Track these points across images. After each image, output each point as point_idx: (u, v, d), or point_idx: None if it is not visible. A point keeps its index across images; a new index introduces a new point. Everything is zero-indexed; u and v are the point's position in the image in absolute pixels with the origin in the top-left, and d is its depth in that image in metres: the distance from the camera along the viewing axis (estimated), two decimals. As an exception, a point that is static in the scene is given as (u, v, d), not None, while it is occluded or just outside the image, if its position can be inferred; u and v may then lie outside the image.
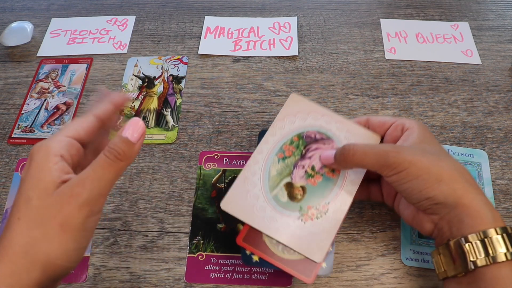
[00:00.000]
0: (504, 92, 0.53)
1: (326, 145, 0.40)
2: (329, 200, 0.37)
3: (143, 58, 0.58)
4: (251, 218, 0.36)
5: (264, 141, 0.40)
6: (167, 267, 0.42)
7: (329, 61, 0.57)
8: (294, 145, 0.40)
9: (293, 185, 0.38)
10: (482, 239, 0.30)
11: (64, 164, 0.29)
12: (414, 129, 0.36)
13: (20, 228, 0.27)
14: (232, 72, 0.56)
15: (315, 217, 0.37)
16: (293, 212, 0.37)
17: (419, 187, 0.32)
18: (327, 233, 0.36)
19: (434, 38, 0.59)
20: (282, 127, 0.41)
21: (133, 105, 0.53)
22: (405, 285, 0.40)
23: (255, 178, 0.38)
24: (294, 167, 0.39)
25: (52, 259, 0.26)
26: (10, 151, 0.50)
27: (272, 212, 0.37)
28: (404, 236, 0.43)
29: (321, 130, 0.40)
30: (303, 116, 0.41)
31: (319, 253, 0.35)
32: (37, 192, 0.27)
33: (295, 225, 0.36)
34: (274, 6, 0.64)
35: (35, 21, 0.62)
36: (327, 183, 0.38)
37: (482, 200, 0.32)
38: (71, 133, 0.30)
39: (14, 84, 0.56)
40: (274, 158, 0.39)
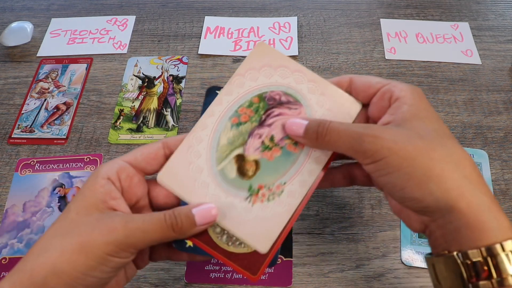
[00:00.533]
0: (504, 92, 0.53)
1: (292, 110, 0.33)
2: (286, 179, 0.31)
3: (143, 58, 0.58)
4: (190, 195, 0.30)
5: (217, 102, 0.33)
6: (167, 267, 0.42)
7: (329, 61, 0.57)
8: (252, 108, 0.33)
9: (245, 158, 0.31)
10: (485, 257, 0.24)
11: (111, 188, 0.28)
12: (406, 99, 0.28)
13: (47, 233, 0.27)
14: (232, 72, 0.56)
15: (265, 199, 0.31)
16: (241, 191, 0.31)
17: (401, 184, 0.26)
18: (278, 220, 0.30)
19: (434, 38, 0.59)
20: (241, 85, 0.33)
21: (133, 105, 0.53)
22: (405, 285, 0.40)
23: (200, 146, 0.31)
24: (249, 136, 0.32)
25: (57, 270, 0.25)
26: (10, 151, 0.50)
27: (216, 189, 0.31)
28: (404, 236, 0.43)
29: (288, 90, 0.33)
30: (269, 71, 0.33)
31: (264, 242, 0.30)
32: (77, 207, 0.27)
33: (241, 207, 0.30)
34: (274, 6, 0.64)
35: (35, 21, 0.62)
36: (286, 159, 0.31)
37: (484, 204, 0.25)
38: (128, 157, 0.30)
39: (14, 84, 0.56)
40: (226, 123, 0.32)
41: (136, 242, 0.26)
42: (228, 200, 0.31)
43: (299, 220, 0.44)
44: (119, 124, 0.52)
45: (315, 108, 0.33)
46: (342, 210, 0.45)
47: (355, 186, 0.46)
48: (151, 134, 0.51)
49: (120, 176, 0.29)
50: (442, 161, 0.25)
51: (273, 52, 0.34)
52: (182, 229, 0.28)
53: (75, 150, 0.50)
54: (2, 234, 0.44)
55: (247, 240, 0.30)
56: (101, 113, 0.53)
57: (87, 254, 0.25)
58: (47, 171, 0.48)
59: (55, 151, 0.50)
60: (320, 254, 0.42)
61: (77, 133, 0.51)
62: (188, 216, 0.28)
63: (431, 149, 0.26)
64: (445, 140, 0.27)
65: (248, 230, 0.30)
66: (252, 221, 0.30)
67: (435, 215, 0.26)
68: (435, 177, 0.25)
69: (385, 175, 0.27)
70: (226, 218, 0.30)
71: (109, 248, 0.26)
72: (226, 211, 0.30)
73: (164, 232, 0.27)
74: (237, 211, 0.30)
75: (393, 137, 0.26)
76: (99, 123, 0.52)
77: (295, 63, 0.34)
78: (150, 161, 0.30)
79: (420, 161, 0.25)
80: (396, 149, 0.26)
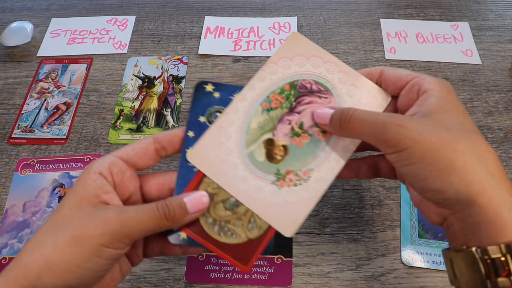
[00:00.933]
0: (504, 92, 0.53)
1: (322, 99, 0.33)
2: (313, 166, 0.32)
3: (143, 58, 0.58)
4: (218, 175, 0.31)
5: (249, 87, 0.33)
6: (167, 267, 0.42)
7: (329, 61, 0.57)
8: (284, 95, 0.33)
9: (274, 142, 0.32)
10: (505, 254, 0.23)
11: (103, 182, 0.28)
12: (434, 91, 0.29)
13: (41, 230, 0.27)
14: (232, 72, 0.56)
15: (292, 184, 0.31)
16: (269, 174, 0.31)
17: (423, 174, 0.26)
18: (304, 205, 0.31)
19: (434, 38, 0.59)
20: (273, 72, 0.34)
21: (133, 105, 0.53)
22: (405, 285, 0.40)
23: (231, 129, 0.32)
24: (279, 121, 0.33)
25: (51, 264, 0.25)
26: (10, 151, 0.50)
27: (245, 171, 0.31)
28: (404, 236, 0.43)
29: (319, 80, 0.34)
30: (301, 60, 0.34)
31: (290, 227, 0.30)
32: (70, 202, 0.28)
33: (268, 190, 0.31)
34: (274, 6, 0.64)
35: (35, 21, 0.62)
36: (314, 146, 0.32)
37: (506, 200, 0.24)
38: (120, 153, 0.30)
39: (14, 84, 0.56)
40: (257, 108, 0.33)
41: (130, 232, 0.26)
42: (256, 182, 0.31)
43: (299, 220, 0.44)
44: (119, 124, 0.52)
45: (345, 98, 0.33)
46: (342, 210, 0.45)
47: (355, 186, 0.46)
48: (151, 134, 0.51)
49: (112, 171, 0.29)
50: (466, 154, 0.25)
51: (306, 42, 0.35)
52: (175, 217, 0.28)
53: (75, 150, 0.50)
54: (2, 234, 0.44)
55: (273, 223, 0.30)
56: (101, 113, 0.53)
57: (81, 246, 0.25)
58: (47, 171, 0.48)
59: (55, 151, 0.50)
60: (320, 254, 0.42)
61: (77, 133, 0.51)
62: (180, 204, 0.28)
63: (455, 141, 0.25)
64: (470, 134, 0.26)
65: (274, 214, 0.30)
66: (278, 205, 0.31)
67: (455, 208, 0.26)
68: (458, 169, 0.25)
69: (407, 166, 0.26)
70: (253, 200, 0.31)
71: (104, 239, 0.26)
72: (253, 194, 0.31)
73: (157, 221, 0.27)
74: (264, 194, 0.31)
75: (418, 127, 0.26)
76: (99, 123, 0.52)
77: (328, 54, 0.34)
78: (141, 156, 0.30)
79: (443, 152, 0.25)
80: (420, 140, 0.26)
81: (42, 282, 0.25)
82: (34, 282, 0.25)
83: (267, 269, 0.41)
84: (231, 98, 0.34)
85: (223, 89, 0.34)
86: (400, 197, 0.45)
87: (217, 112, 0.34)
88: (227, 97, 0.34)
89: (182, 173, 0.31)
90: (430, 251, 0.42)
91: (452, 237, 0.27)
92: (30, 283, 0.25)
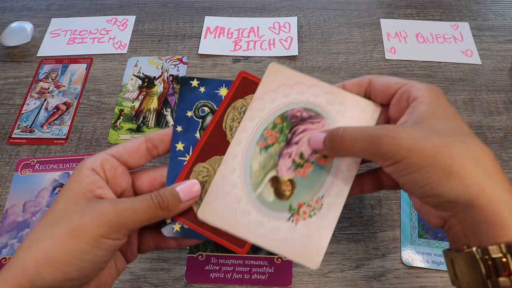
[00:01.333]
0: (504, 92, 0.53)
1: (315, 124, 0.33)
2: (323, 193, 0.32)
3: (143, 58, 0.58)
4: (234, 226, 0.31)
5: (241, 129, 0.33)
6: (167, 267, 0.42)
7: (329, 61, 0.57)
8: (277, 129, 0.33)
9: (280, 179, 0.32)
10: (505, 254, 0.23)
11: (96, 177, 0.29)
12: (423, 98, 0.28)
13: (37, 226, 0.27)
14: (232, 72, 0.56)
15: (307, 216, 0.31)
16: (282, 212, 0.31)
17: (422, 181, 0.26)
18: (323, 234, 0.31)
19: (434, 38, 0.59)
20: (261, 108, 0.33)
21: (133, 105, 0.53)
22: (405, 285, 0.40)
23: (234, 176, 0.32)
24: (279, 157, 0.32)
25: (50, 257, 0.25)
26: (10, 151, 0.50)
27: (258, 215, 0.31)
28: (404, 236, 0.43)
29: (307, 106, 0.33)
30: (286, 90, 0.34)
31: (316, 258, 0.30)
32: (65, 198, 0.28)
33: (285, 228, 0.31)
34: (274, 6, 0.64)
35: (35, 21, 0.62)
36: (319, 173, 0.32)
37: (505, 200, 0.24)
38: (111, 151, 0.31)
39: (14, 84, 0.56)
40: (255, 148, 0.32)
41: (126, 222, 0.27)
42: (271, 224, 0.31)
43: (299, 220, 0.44)
44: (119, 124, 0.52)
45: (337, 118, 0.33)
46: (342, 210, 0.44)
47: (355, 186, 0.46)
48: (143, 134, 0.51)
49: (104, 167, 0.29)
50: (462, 157, 0.25)
51: (286, 70, 0.35)
52: (169, 206, 0.28)
53: (75, 150, 0.50)
54: (2, 234, 0.44)
55: (299, 261, 0.30)
56: (101, 113, 0.53)
57: (79, 238, 0.26)
58: (47, 171, 0.48)
59: (55, 151, 0.50)
60: (320, 254, 0.42)
61: (77, 133, 0.51)
62: (173, 193, 0.29)
63: (450, 146, 0.25)
64: (464, 137, 0.26)
65: (296, 250, 0.30)
66: (299, 240, 0.31)
67: (455, 210, 0.26)
68: (455, 173, 0.25)
69: (406, 175, 0.26)
70: (273, 243, 0.30)
71: (101, 230, 0.26)
72: (271, 236, 0.31)
73: (152, 211, 0.28)
74: (282, 233, 0.31)
75: (411, 136, 0.26)
76: (99, 123, 0.52)
77: (310, 78, 0.34)
78: (132, 154, 0.31)
79: (439, 158, 0.25)
80: (415, 148, 0.25)
81: (41, 277, 0.25)
82: (33, 278, 0.25)
83: (267, 269, 0.41)
84: (216, 92, 0.35)
85: (208, 84, 0.35)
86: (400, 197, 0.45)
87: (204, 107, 0.34)
88: (212, 91, 0.35)
89: (172, 167, 0.32)
90: (430, 251, 0.42)
91: (453, 238, 0.27)
92: (29, 280, 0.25)
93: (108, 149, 0.31)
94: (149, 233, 0.32)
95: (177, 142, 0.33)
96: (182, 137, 0.33)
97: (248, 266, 0.41)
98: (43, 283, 0.25)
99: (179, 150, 0.33)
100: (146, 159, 0.32)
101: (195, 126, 0.34)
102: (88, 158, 0.30)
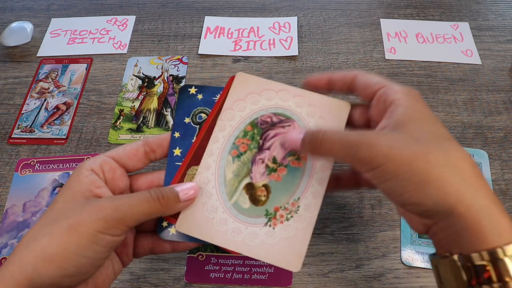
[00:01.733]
0: (504, 92, 0.53)
1: (286, 128, 0.33)
2: (299, 195, 0.32)
3: (143, 58, 0.58)
4: (212, 235, 0.31)
5: (213, 139, 0.33)
6: (167, 267, 0.42)
7: (329, 61, 0.57)
8: (248, 137, 0.33)
9: (254, 185, 0.32)
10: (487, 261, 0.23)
11: (95, 177, 0.29)
12: (400, 101, 0.28)
13: (35, 225, 0.27)
14: (232, 72, 0.56)
15: (284, 219, 0.31)
16: (259, 218, 0.31)
17: (399, 189, 0.25)
18: (302, 236, 0.31)
19: (434, 38, 0.59)
20: (231, 118, 0.34)
21: (133, 105, 0.53)
22: (405, 285, 0.40)
23: (209, 186, 0.32)
24: (252, 163, 0.33)
25: (48, 254, 0.25)
26: (10, 151, 0.50)
27: (235, 223, 0.31)
28: (404, 236, 0.43)
29: (277, 111, 0.34)
30: (254, 98, 0.34)
31: (296, 261, 0.30)
32: (64, 197, 0.28)
33: (263, 233, 0.31)
34: (274, 6, 0.64)
35: (35, 21, 0.62)
36: (293, 175, 0.32)
37: (485, 207, 0.24)
38: (111, 153, 0.31)
39: (14, 84, 0.56)
40: (227, 157, 0.33)
41: (124, 217, 0.27)
42: (249, 230, 0.31)
43: (299, 220, 0.44)
44: (119, 124, 0.52)
45: (307, 119, 0.34)
46: (342, 210, 0.45)
47: (355, 186, 0.46)
48: (151, 134, 0.51)
49: (103, 168, 0.30)
50: (440, 165, 0.25)
51: (254, 79, 0.35)
52: (168, 201, 0.29)
53: (75, 150, 0.50)
54: (2, 234, 0.44)
55: (280, 265, 0.30)
56: (101, 113, 0.53)
57: (78, 233, 0.26)
58: (47, 171, 0.48)
59: (55, 151, 0.50)
60: (320, 254, 0.42)
61: (77, 133, 0.51)
62: (172, 191, 0.30)
63: (427, 153, 0.25)
64: (443, 142, 0.26)
65: (276, 254, 0.30)
66: (278, 244, 0.31)
67: (436, 218, 0.26)
68: (433, 182, 0.25)
69: (383, 182, 0.26)
70: (253, 249, 0.31)
71: (98, 225, 0.26)
72: (250, 242, 0.31)
73: (150, 205, 0.28)
74: (260, 238, 0.31)
75: (388, 143, 0.26)
76: (99, 123, 0.52)
77: (277, 84, 0.35)
78: (131, 157, 0.32)
79: (416, 165, 0.25)
80: (391, 156, 0.25)
81: (39, 274, 0.25)
82: (31, 274, 0.25)
83: (267, 269, 0.41)
84: (213, 99, 0.35)
85: (206, 91, 0.36)
86: (400, 197, 0.45)
87: (201, 113, 0.35)
88: (209, 98, 0.35)
89: (170, 172, 0.33)
90: (430, 251, 0.42)
91: (437, 245, 0.27)
92: (27, 277, 0.25)
93: (107, 152, 0.31)
94: (144, 236, 0.33)
95: (175, 148, 0.33)
96: (180, 143, 0.34)
97: (248, 266, 0.41)
98: (42, 279, 0.25)
99: (176, 155, 0.33)
100: (144, 162, 0.32)
101: (192, 132, 0.34)
102: (87, 159, 0.30)
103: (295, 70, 0.56)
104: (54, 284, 0.25)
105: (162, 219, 0.32)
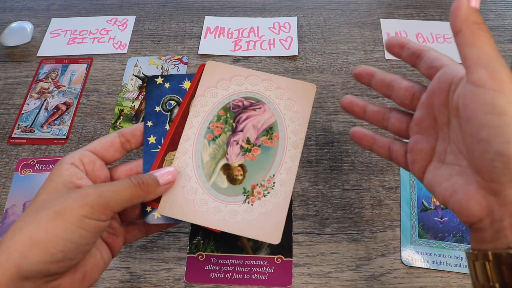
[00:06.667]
0: (504, 92, 0.53)
1: (257, 110, 0.36)
2: (273, 172, 0.34)
3: (143, 58, 0.58)
4: (193, 216, 0.33)
5: (188, 125, 0.35)
6: (167, 267, 0.42)
7: (329, 61, 0.57)
8: (222, 121, 0.35)
9: (231, 166, 0.34)
10: None
11: (76, 170, 0.30)
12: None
13: (21, 217, 0.28)
14: (232, 72, 0.56)
15: (262, 195, 0.33)
16: (237, 196, 0.33)
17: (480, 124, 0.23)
18: (279, 210, 0.33)
19: (434, 38, 0.59)
20: (204, 104, 0.36)
21: (133, 105, 0.53)
22: (405, 285, 0.40)
23: (187, 169, 0.34)
24: (228, 145, 0.35)
25: (35, 240, 0.26)
26: (10, 151, 0.50)
27: (215, 202, 0.33)
28: (404, 236, 0.43)
29: (248, 95, 0.36)
30: (225, 84, 0.36)
31: (276, 233, 0.32)
32: (46, 189, 0.29)
33: (242, 210, 0.33)
34: (274, 6, 0.64)
35: (35, 21, 0.62)
36: (267, 154, 0.34)
37: None
38: (88, 147, 0.33)
39: (14, 84, 0.56)
40: (203, 141, 0.35)
41: (108, 202, 0.28)
42: (229, 208, 0.33)
43: (299, 220, 0.44)
44: (119, 124, 0.52)
45: (276, 101, 0.36)
46: (342, 210, 0.45)
47: (355, 186, 0.46)
48: (151, 134, 0.51)
49: (83, 161, 0.31)
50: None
51: (223, 66, 0.37)
52: (148, 186, 0.30)
53: (75, 150, 0.50)
54: (2, 234, 0.44)
55: (261, 238, 0.32)
56: (101, 113, 0.53)
57: (64, 219, 0.26)
58: (47, 171, 0.48)
59: (55, 151, 0.50)
60: (320, 254, 0.42)
61: (77, 133, 0.51)
62: (151, 176, 0.31)
63: None
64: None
65: (256, 229, 0.32)
66: (257, 219, 0.33)
67: (503, 174, 0.22)
68: None
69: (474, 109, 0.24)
70: (234, 226, 0.32)
71: (84, 210, 0.27)
72: (230, 219, 0.33)
73: (132, 191, 0.29)
74: (240, 215, 0.33)
75: None
76: (99, 123, 0.52)
77: (246, 70, 0.37)
78: (108, 149, 0.33)
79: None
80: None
81: (27, 261, 0.25)
82: (19, 262, 0.25)
83: (267, 269, 0.41)
84: (180, 86, 0.37)
85: (172, 79, 0.37)
86: (400, 197, 0.45)
87: (170, 100, 0.37)
88: (176, 86, 0.37)
89: (147, 159, 0.34)
90: (430, 251, 0.42)
91: (495, 235, 0.23)
92: (14, 264, 0.25)
93: (85, 146, 0.33)
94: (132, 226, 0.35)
95: (149, 136, 0.35)
96: (153, 131, 0.35)
97: (248, 266, 0.41)
98: (30, 266, 0.25)
99: (151, 143, 0.35)
100: (121, 152, 0.34)
101: (164, 119, 0.36)
102: (67, 154, 0.32)
103: (295, 70, 0.56)
104: (42, 270, 0.26)
105: (146, 205, 0.33)
